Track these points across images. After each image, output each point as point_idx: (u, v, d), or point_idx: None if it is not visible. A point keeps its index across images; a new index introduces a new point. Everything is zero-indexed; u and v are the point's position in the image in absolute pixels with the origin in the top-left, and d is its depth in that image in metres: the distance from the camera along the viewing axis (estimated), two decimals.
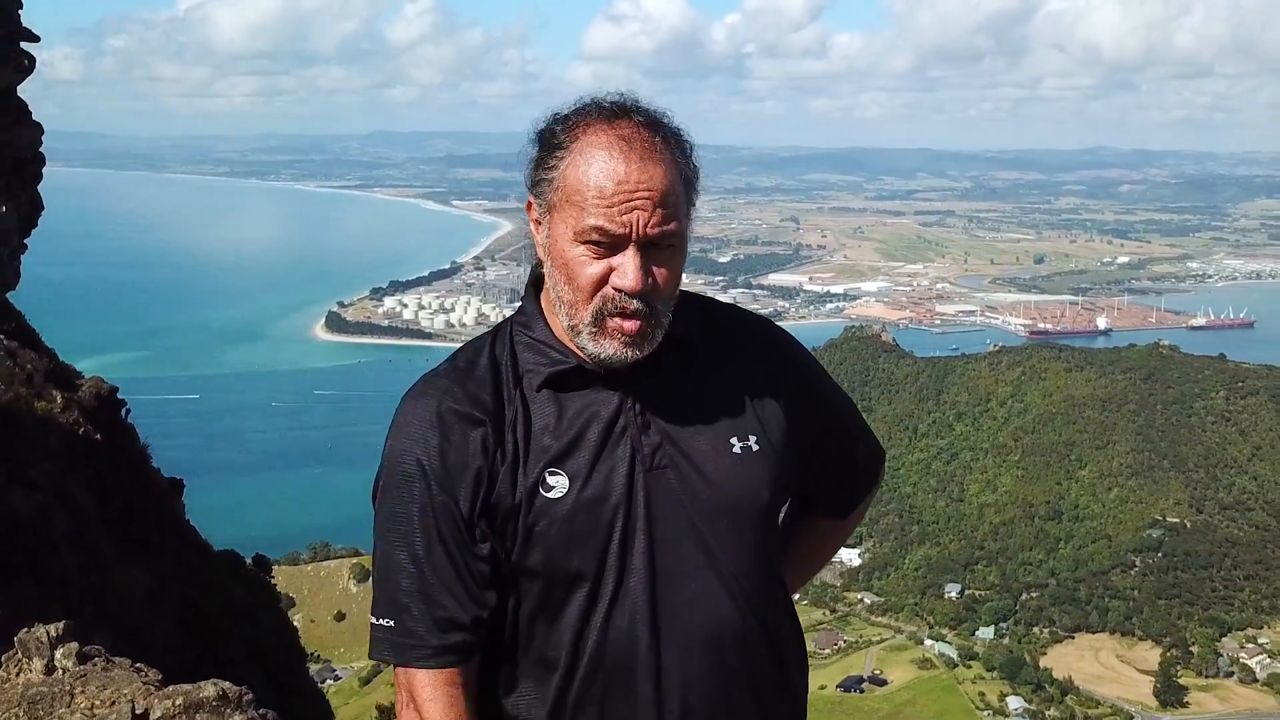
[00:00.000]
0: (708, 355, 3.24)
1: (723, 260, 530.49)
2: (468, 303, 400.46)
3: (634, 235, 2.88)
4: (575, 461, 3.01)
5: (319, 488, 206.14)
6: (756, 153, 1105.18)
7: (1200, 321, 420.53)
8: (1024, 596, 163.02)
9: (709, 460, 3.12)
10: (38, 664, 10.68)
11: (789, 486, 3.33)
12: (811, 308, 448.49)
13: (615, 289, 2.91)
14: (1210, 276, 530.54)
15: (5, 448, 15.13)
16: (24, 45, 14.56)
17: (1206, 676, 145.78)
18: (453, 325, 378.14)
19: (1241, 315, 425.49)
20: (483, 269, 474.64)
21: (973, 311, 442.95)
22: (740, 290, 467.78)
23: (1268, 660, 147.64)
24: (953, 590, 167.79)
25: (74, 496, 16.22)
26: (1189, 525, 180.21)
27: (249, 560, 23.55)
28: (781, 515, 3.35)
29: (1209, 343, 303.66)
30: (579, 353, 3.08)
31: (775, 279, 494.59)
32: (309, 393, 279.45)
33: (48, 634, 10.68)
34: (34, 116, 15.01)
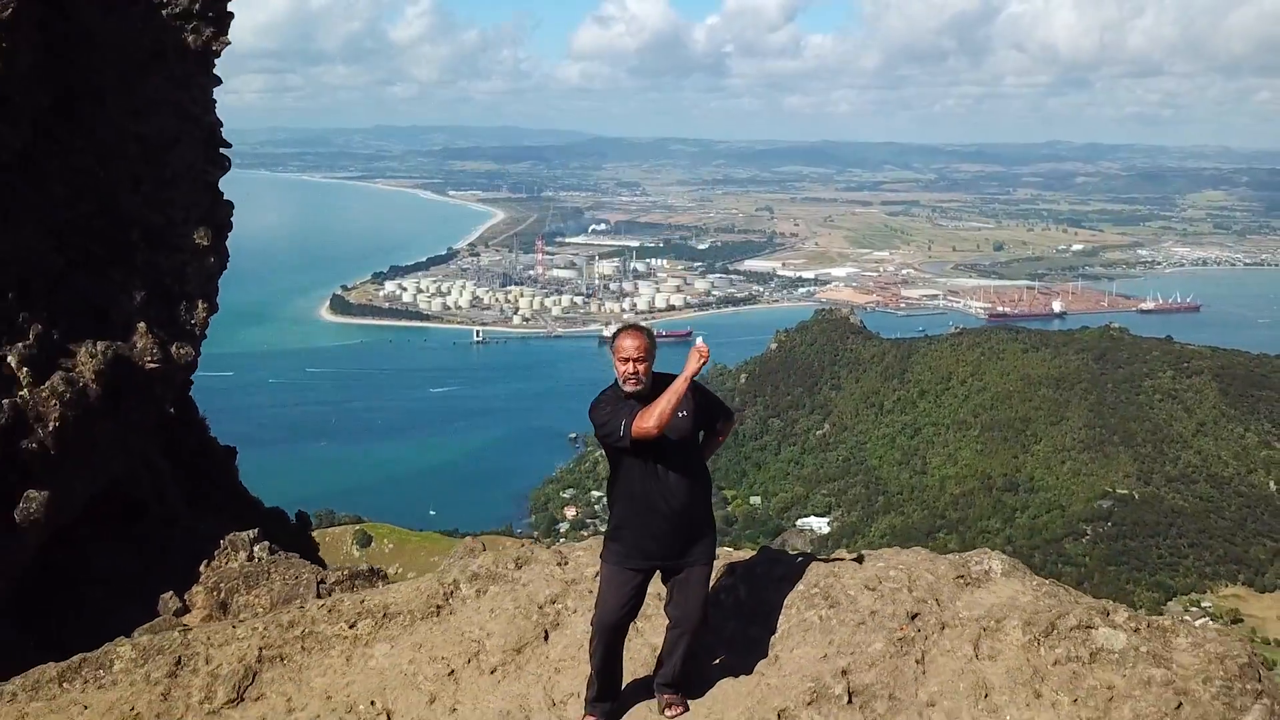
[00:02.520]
0: (693, 396, 9.64)
1: (701, 247, 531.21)
2: (463, 286, 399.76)
3: (628, 357, 9.45)
4: (642, 408, 9.32)
5: (323, 459, 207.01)
6: (733, 146, 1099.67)
7: (1149, 305, 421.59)
8: None
9: (673, 420, 9.34)
10: (241, 554, 16.45)
11: (699, 427, 9.96)
12: (784, 292, 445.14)
13: (624, 374, 9.49)
14: (1159, 263, 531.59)
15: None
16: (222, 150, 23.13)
17: None
18: (449, 307, 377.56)
19: (1188, 300, 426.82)
20: (477, 255, 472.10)
21: (936, 295, 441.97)
22: (717, 275, 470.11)
23: (1210, 623, 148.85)
24: None
25: (153, 459, 19.89)
26: (1137, 496, 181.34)
27: (293, 518, 27.20)
28: (700, 437, 10.15)
29: (1157, 325, 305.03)
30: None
31: (750, 265, 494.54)
32: (314, 370, 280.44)
33: (248, 535, 16.40)
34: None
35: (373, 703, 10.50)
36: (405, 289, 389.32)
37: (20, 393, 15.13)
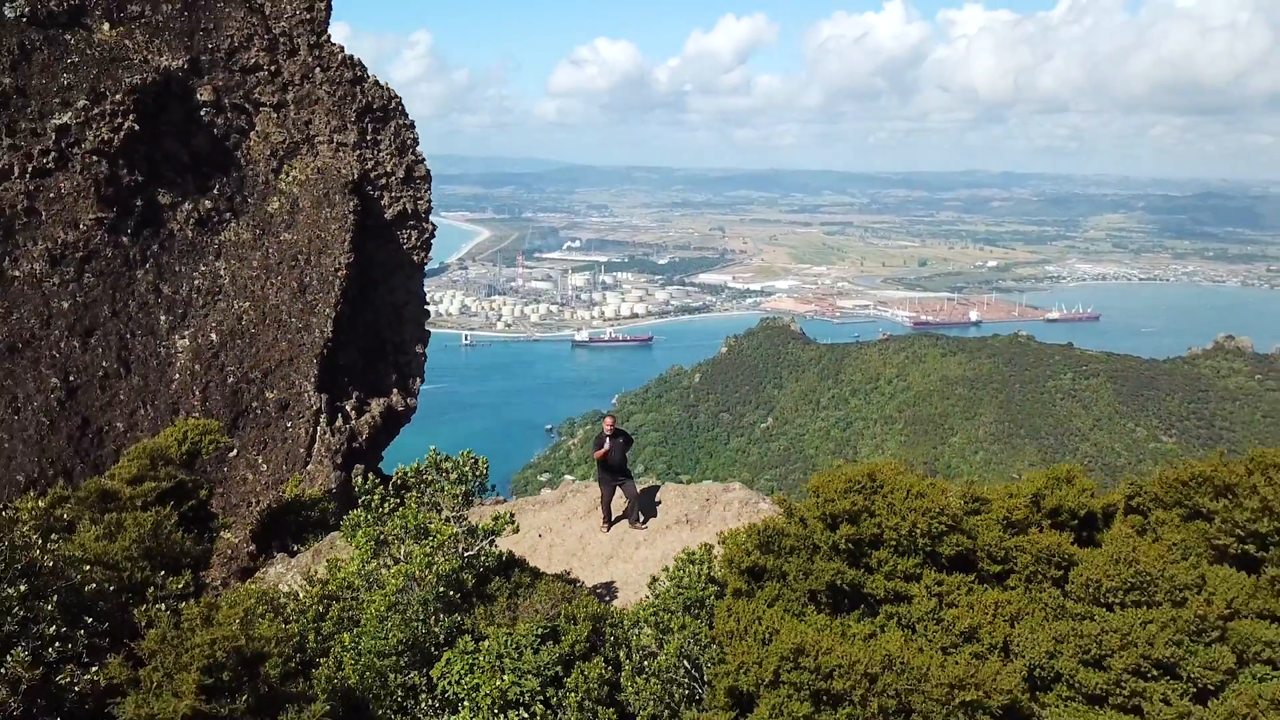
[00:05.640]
0: (622, 437, 26.28)
1: (661, 262, 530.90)
2: (453, 296, 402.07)
3: (610, 426, 26.22)
4: (610, 446, 25.82)
5: None
6: (690, 173, 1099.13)
7: (1054, 315, 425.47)
8: None
9: (619, 449, 25.97)
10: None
11: (624, 448, 26.51)
12: (734, 302, 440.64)
13: (607, 431, 25.96)
14: (1064, 278, 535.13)
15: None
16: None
17: None
18: (440, 314, 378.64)
19: (1088, 311, 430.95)
20: (465, 268, 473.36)
21: (867, 305, 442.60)
22: (675, 287, 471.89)
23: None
24: None
25: None
26: None
27: None
28: (628, 458, 27.20)
29: (1061, 333, 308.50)
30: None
31: (704, 278, 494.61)
32: None
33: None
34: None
35: (544, 525, 26.73)
36: None
37: (351, 423, 31.12)
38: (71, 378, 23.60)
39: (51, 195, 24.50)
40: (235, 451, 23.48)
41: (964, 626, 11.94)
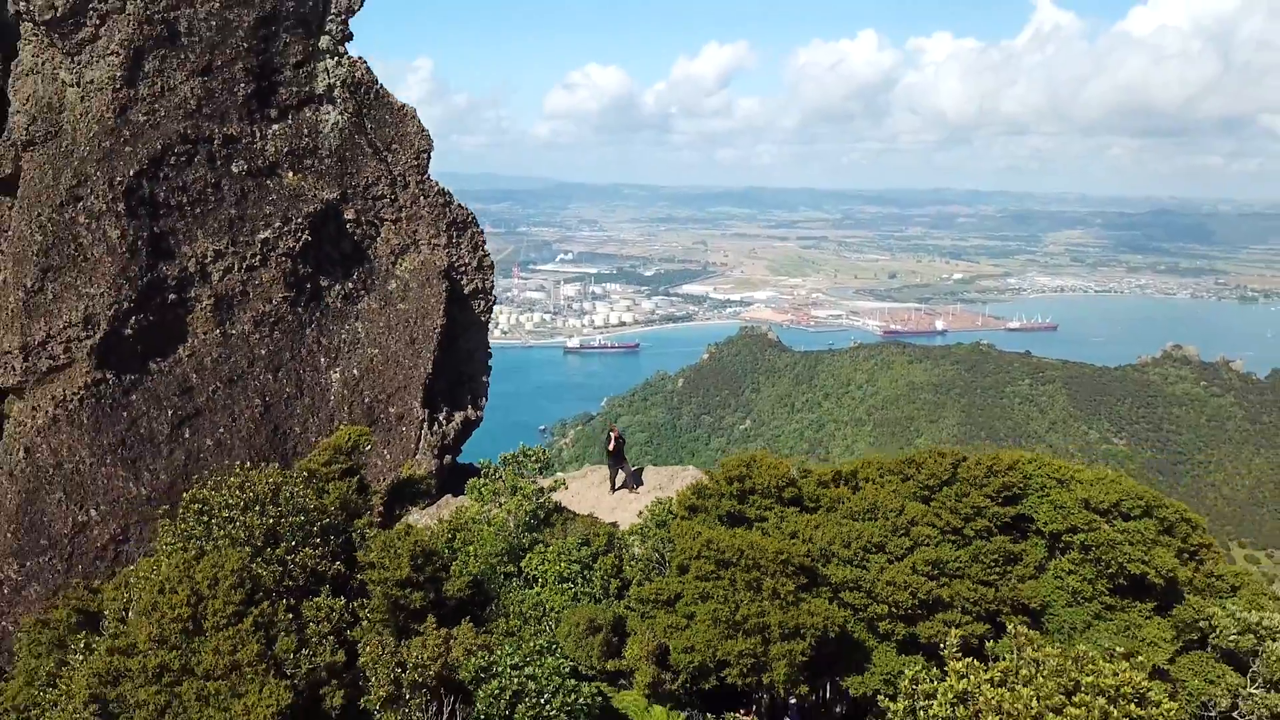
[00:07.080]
0: (621, 437, 39.99)
1: (647, 274, 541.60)
2: None
3: (614, 433, 40.03)
4: (614, 443, 39.55)
5: None
6: (675, 190, 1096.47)
7: (1015, 325, 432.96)
8: None
9: (619, 444, 39.47)
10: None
11: (620, 445, 40.34)
12: (715, 311, 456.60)
13: (614, 437, 40.19)
14: (1024, 290, 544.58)
15: None
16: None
17: None
18: None
19: (1047, 321, 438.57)
20: None
21: (840, 315, 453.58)
22: (660, 297, 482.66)
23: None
24: None
25: None
26: None
27: None
28: (624, 450, 41.32)
29: (1021, 342, 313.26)
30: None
31: (687, 289, 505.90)
32: None
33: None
34: None
35: (574, 492, 38.90)
36: None
37: (443, 428, 43.23)
38: (267, 399, 35.20)
39: (256, 282, 35.86)
40: (370, 446, 33.96)
41: (790, 530, 22.97)
